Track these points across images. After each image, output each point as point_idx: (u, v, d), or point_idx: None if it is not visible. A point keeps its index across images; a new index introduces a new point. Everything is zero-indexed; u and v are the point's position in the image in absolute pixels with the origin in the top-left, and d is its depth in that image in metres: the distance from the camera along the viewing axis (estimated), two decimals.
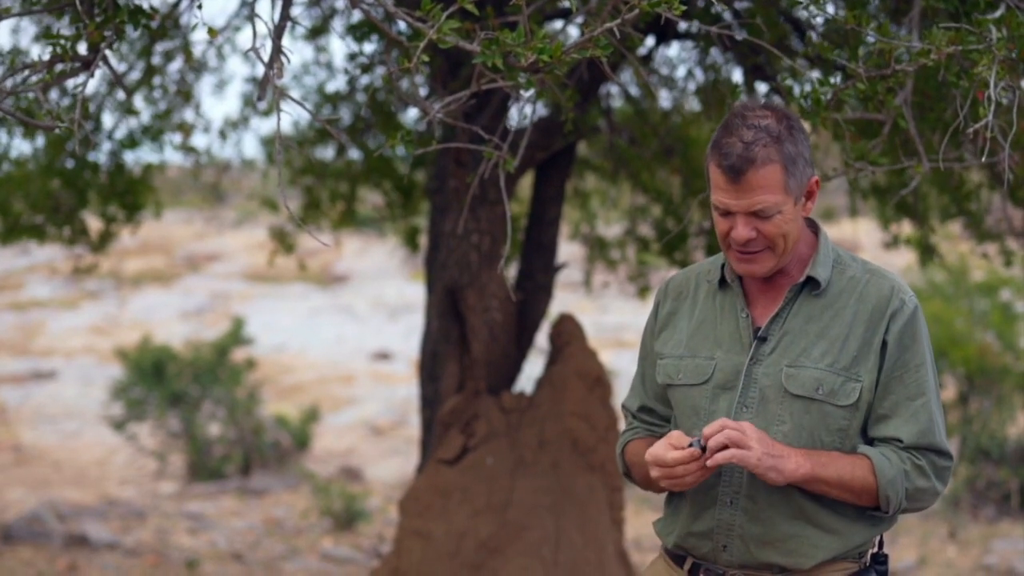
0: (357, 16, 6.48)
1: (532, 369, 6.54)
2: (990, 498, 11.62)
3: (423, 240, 7.88)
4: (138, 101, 7.61)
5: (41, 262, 26.30)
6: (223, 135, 8.29)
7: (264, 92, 3.39)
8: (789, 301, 3.02)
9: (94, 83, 6.93)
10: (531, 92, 4.10)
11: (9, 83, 3.53)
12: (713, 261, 3.16)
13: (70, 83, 4.22)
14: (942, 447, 2.97)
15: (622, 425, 3.07)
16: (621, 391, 4.16)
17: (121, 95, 7.23)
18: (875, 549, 3.09)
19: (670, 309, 3.19)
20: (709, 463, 2.86)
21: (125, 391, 14.08)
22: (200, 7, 3.59)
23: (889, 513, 2.97)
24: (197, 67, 7.85)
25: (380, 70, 6.71)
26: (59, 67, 3.49)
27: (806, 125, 4.27)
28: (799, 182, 2.93)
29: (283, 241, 8.21)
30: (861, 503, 2.97)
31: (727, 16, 5.26)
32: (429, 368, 6.34)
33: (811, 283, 3.02)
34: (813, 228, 3.10)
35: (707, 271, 3.16)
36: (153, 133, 7.61)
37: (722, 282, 3.11)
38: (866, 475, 2.92)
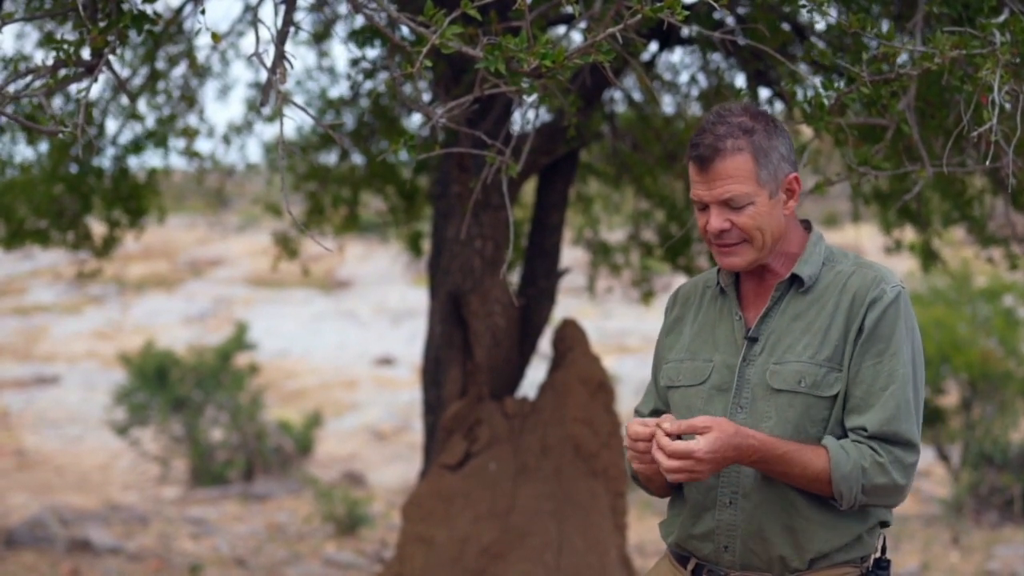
0: (360, 21, 6.48)
1: (535, 374, 6.53)
2: (993, 504, 11.61)
3: (426, 245, 7.88)
4: (142, 106, 7.62)
5: (44, 267, 26.32)
6: (227, 140, 8.30)
7: (267, 97, 3.39)
8: (776, 300, 3.06)
9: (98, 88, 6.94)
10: (534, 97, 4.11)
11: (12, 88, 3.53)
12: (716, 268, 3.19)
13: (73, 88, 4.22)
14: (907, 437, 2.92)
15: (625, 431, 3.08)
16: (624, 397, 4.17)
17: (125, 100, 7.24)
18: (878, 554, 3.08)
19: (677, 315, 3.25)
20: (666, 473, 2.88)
21: (128, 396, 14.10)
22: (203, 12, 3.59)
23: (844, 507, 2.94)
24: (201, 72, 7.85)
25: (383, 75, 6.71)
26: (63, 72, 3.49)
27: (809, 130, 4.28)
28: (772, 175, 2.97)
29: (286, 246, 8.21)
30: (816, 492, 2.95)
31: (730, 21, 5.26)
32: (432, 373, 6.33)
33: (797, 281, 3.05)
34: (809, 229, 3.13)
35: (711, 278, 3.22)
36: (157, 138, 7.61)
37: (722, 287, 3.15)
38: (819, 470, 2.91)
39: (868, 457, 2.90)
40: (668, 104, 7.22)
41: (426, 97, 6.13)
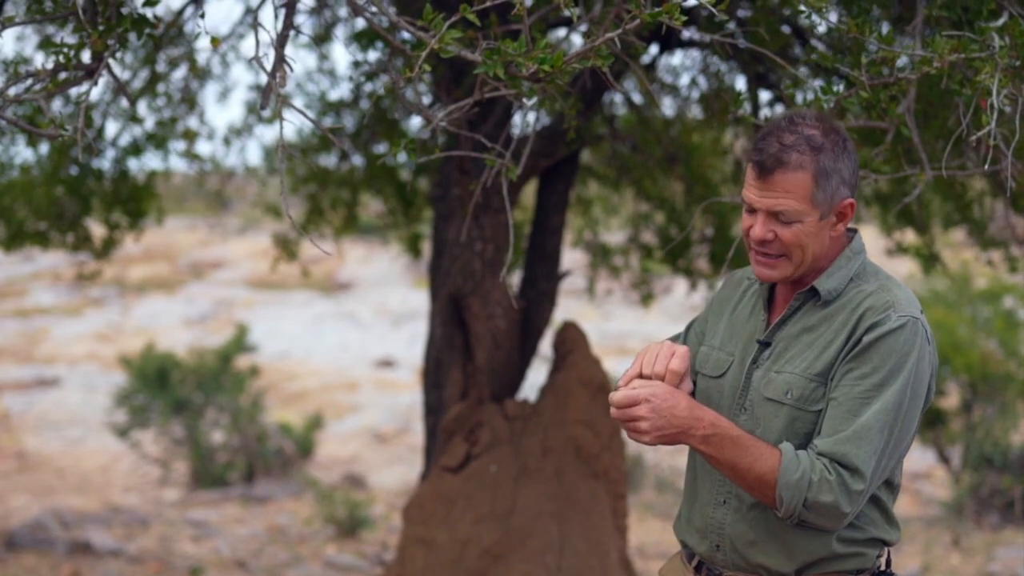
0: (360, 24, 6.49)
1: (536, 377, 6.54)
2: (994, 505, 11.61)
3: (426, 247, 7.89)
4: (142, 109, 7.63)
5: (45, 269, 26.33)
6: (227, 142, 8.30)
7: (267, 100, 3.39)
8: (793, 310, 3.04)
9: (98, 91, 6.95)
10: (534, 100, 4.11)
11: (13, 91, 3.53)
12: None
13: (74, 91, 4.23)
14: (854, 463, 2.83)
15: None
16: None
17: (125, 103, 7.25)
18: (882, 568, 3.07)
19: (725, 296, 3.25)
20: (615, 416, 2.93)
21: (129, 398, 14.10)
22: (203, 16, 3.59)
23: (781, 515, 2.88)
24: (201, 75, 7.86)
25: (384, 78, 6.71)
26: (62, 75, 3.50)
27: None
28: (828, 197, 2.92)
29: (286, 248, 8.22)
30: (756, 496, 2.92)
31: (730, 24, 5.26)
32: (433, 375, 6.34)
33: (816, 294, 3.02)
34: (851, 241, 3.09)
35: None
36: (157, 140, 7.62)
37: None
38: (767, 470, 2.86)
39: (818, 472, 2.84)
40: (668, 107, 7.23)
41: (426, 100, 6.13)
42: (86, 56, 3.48)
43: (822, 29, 4.87)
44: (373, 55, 6.50)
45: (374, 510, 12.11)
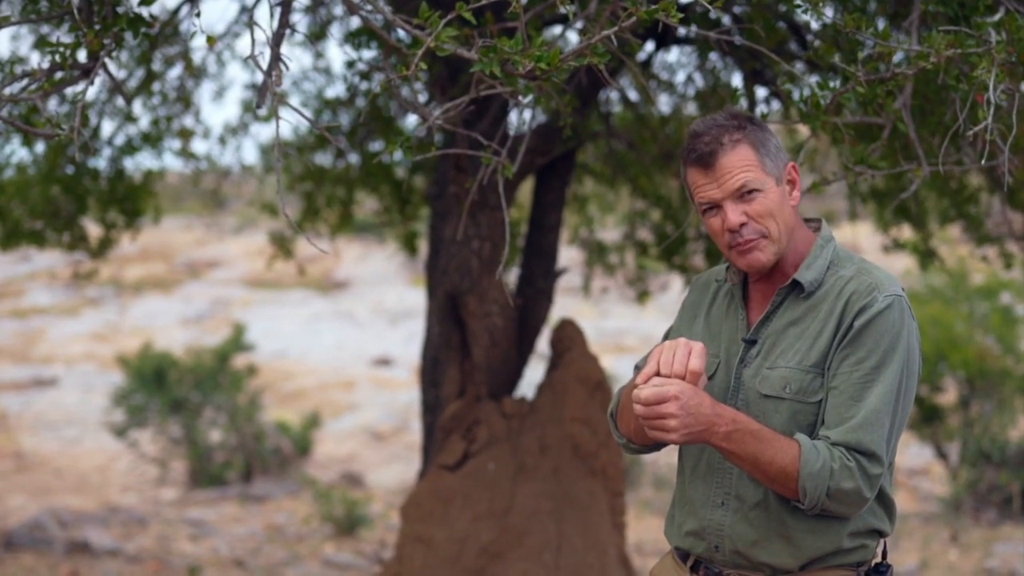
0: (356, 23, 6.48)
1: (533, 374, 6.53)
2: (992, 501, 11.62)
3: (422, 245, 7.88)
4: (137, 108, 7.62)
5: (42, 269, 26.31)
6: (223, 141, 8.29)
7: (263, 99, 3.38)
8: (776, 304, 3.06)
9: (93, 90, 6.93)
10: (530, 98, 4.10)
11: (8, 90, 3.52)
12: (726, 264, 3.21)
13: (69, 90, 4.22)
14: (870, 448, 2.87)
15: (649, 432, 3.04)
16: None
17: (121, 102, 7.24)
18: (878, 559, 3.08)
19: (693, 300, 3.26)
20: (639, 414, 2.87)
21: (126, 398, 14.09)
22: (199, 15, 3.59)
23: (805, 506, 2.90)
24: (196, 74, 7.85)
25: (379, 76, 6.70)
26: (58, 75, 3.49)
27: (806, 129, 4.27)
28: (775, 163, 3.00)
29: (282, 246, 8.21)
30: (776, 489, 2.92)
31: (726, 21, 5.26)
32: (430, 374, 6.33)
33: (798, 287, 3.03)
34: (818, 229, 3.12)
35: (723, 271, 3.22)
36: (153, 139, 7.61)
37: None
38: (787, 462, 2.87)
39: (838, 460, 2.86)
40: (664, 104, 7.22)
41: (422, 98, 6.12)
42: (82, 55, 3.47)
43: (817, 25, 4.87)
44: (368, 54, 6.50)
45: (372, 509, 12.11)
